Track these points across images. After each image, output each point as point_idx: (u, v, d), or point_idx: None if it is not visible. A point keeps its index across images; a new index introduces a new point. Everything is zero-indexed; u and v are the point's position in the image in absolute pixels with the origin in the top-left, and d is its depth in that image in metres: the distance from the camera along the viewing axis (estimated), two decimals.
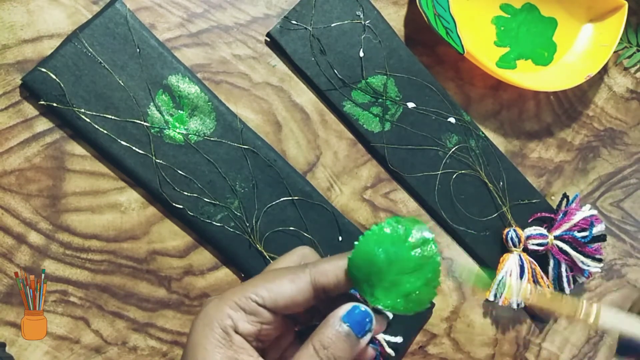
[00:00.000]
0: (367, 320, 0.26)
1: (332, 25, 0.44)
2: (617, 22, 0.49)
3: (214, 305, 0.26)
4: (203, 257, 0.43)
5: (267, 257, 0.43)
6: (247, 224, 0.42)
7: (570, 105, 0.53)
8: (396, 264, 0.26)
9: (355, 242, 0.26)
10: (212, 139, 0.42)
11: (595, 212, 0.49)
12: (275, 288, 0.26)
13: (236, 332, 0.26)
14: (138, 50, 0.40)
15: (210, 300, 0.27)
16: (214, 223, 0.42)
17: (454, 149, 0.48)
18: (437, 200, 0.47)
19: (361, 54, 0.45)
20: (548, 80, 0.50)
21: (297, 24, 0.44)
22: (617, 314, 0.24)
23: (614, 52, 0.51)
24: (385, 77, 0.46)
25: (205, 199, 0.41)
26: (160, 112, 0.41)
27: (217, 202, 0.42)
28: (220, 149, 0.42)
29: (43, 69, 0.38)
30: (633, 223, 0.55)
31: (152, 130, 0.40)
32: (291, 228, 0.43)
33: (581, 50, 0.51)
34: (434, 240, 0.26)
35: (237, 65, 0.44)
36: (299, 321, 0.30)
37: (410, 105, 0.47)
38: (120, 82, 0.40)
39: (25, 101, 0.40)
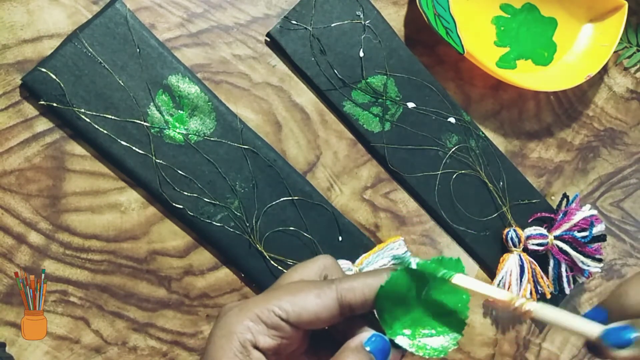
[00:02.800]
0: (387, 350, 0.25)
1: (332, 25, 0.44)
2: (617, 22, 0.49)
3: (234, 315, 0.25)
4: (203, 257, 0.43)
5: (267, 257, 0.43)
6: (247, 224, 0.42)
7: (570, 105, 0.53)
8: (425, 304, 0.26)
9: (392, 272, 0.25)
10: (212, 139, 0.42)
11: (595, 212, 0.49)
12: (300, 302, 0.25)
13: (255, 347, 0.25)
14: (138, 50, 0.40)
15: (230, 308, 0.26)
16: (214, 223, 0.42)
17: (454, 149, 0.48)
18: (437, 200, 0.47)
19: (361, 54, 0.45)
20: (548, 80, 0.50)
21: (297, 24, 0.44)
22: (554, 308, 0.24)
23: (614, 52, 0.51)
24: (385, 77, 0.46)
25: (205, 199, 0.41)
26: (160, 112, 0.41)
27: (217, 202, 0.42)
28: (220, 149, 0.42)
29: (43, 69, 0.38)
30: (633, 223, 0.55)
31: (152, 130, 0.40)
32: (291, 228, 0.43)
33: (581, 50, 0.51)
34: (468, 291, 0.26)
35: (237, 65, 0.44)
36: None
37: (410, 105, 0.47)
38: (120, 82, 0.40)
39: (25, 101, 0.40)
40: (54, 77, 0.38)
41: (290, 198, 0.43)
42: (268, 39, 0.44)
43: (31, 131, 0.40)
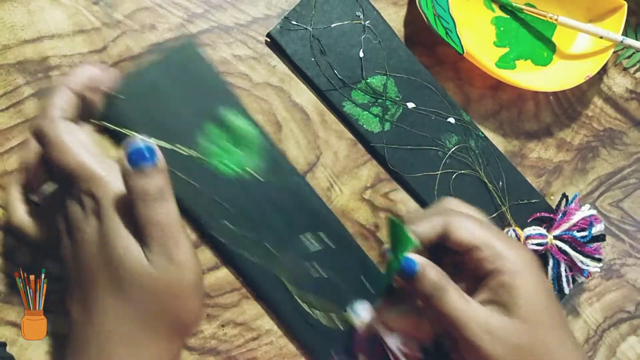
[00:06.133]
0: (145, 150, 0.29)
1: (332, 25, 0.44)
2: (617, 22, 0.49)
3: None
4: (203, 257, 0.43)
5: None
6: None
7: (569, 105, 0.53)
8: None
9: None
10: (256, 175, 0.41)
11: (594, 212, 0.49)
12: None
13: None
14: (196, 80, 0.40)
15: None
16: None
17: (454, 149, 0.48)
18: (437, 200, 0.48)
19: (361, 54, 0.45)
20: (548, 80, 0.50)
21: (297, 25, 0.44)
22: None
23: (614, 52, 0.52)
24: (385, 77, 0.46)
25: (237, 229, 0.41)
26: (208, 143, 0.40)
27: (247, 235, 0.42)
28: (265, 190, 0.41)
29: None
30: (632, 223, 0.55)
31: (197, 160, 0.40)
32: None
33: (581, 50, 0.51)
34: None
35: (237, 65, 0.44)
36: None
37: (410, 105, 0.47)
38: (174, 109, 0.39)
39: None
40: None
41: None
42: (268, 40, 0.44)
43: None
